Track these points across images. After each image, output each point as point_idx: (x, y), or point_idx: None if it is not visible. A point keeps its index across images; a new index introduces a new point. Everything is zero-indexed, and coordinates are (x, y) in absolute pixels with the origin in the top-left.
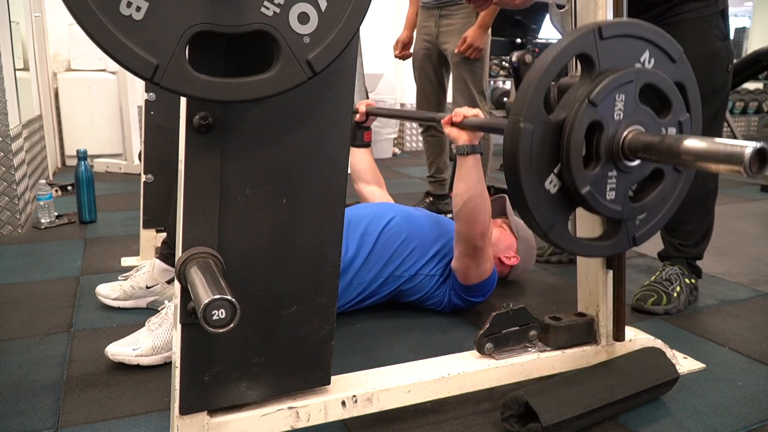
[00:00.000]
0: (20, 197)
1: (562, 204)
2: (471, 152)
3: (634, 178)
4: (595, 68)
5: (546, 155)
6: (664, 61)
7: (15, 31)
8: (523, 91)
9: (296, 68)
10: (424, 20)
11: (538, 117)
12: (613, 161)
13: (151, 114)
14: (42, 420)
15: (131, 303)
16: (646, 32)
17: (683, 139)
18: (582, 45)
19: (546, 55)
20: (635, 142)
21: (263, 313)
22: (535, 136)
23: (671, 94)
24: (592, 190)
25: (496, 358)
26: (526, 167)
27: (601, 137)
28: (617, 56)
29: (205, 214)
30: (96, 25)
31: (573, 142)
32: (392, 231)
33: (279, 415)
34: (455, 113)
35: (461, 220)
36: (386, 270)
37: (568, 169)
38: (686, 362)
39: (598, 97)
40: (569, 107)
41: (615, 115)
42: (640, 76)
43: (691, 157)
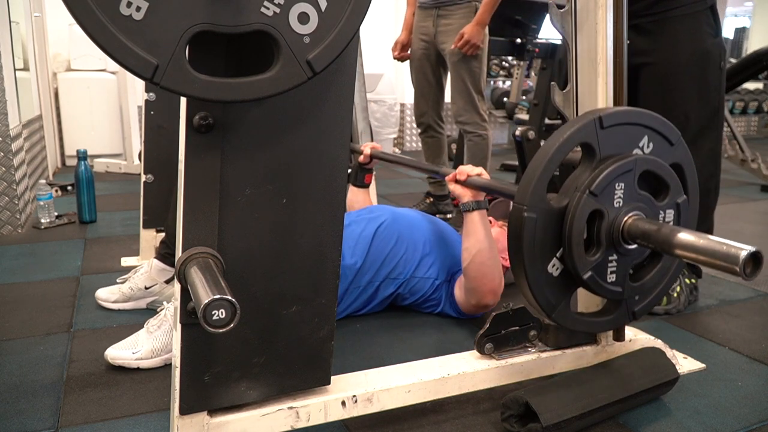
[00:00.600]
0: (20, 197)
1: (564, 285)
2: (476, 208)
3: (633, 259)
4: (596, 156)
5: (549, 241)
6: (663, 144)
7: (15, 31)
8: (526, 180)
9: (296, 68)
10: (422, 20)
11: (541, 206)
12: (614, 246)
13: (151, 114)
14: (42, 420)
15: (131, 304)
16: (645, 119)
17: (677, 232)
18: (583, 135)
19: (548, 146)
20: (634, 229)
21: (263, 313)
22: (539, 223)
23: (669, 178)
24: (593, 274)
25: (496, 358)
26: (530, 253)
27: (601, 224)
28: (617, 143)
29: (205, 214)
30: (96, 25)
31: (575, 231)
32: (384, 234)
33: (279, 415)
34: (459, 171)
35: (470, 276)
36: (381, 273)
37: (569, 256)
38: (686, 362)
39: (598, 188)
40: (571, 196)
41: (615, 203)
42: (638, 164)
43: (685, 251)
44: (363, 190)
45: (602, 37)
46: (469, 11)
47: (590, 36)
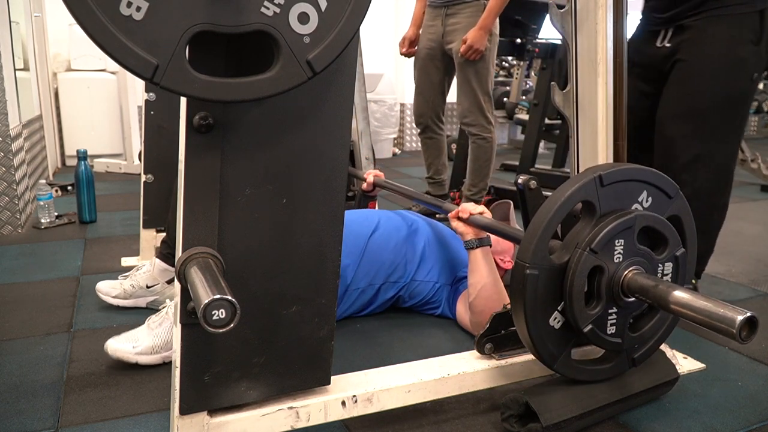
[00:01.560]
0: (20, 197)
1: (565, 337)
2: (479, 246)
3: (632, 311)
4: (596, 212)
5: (550, 295)
6: (661, 197)
7: (15, 31)
8: (528, 238)
9: (296, 68)
10: (431, 20)
11: (543, 263)
12: (614, 299)
13: (151, 114)
14: (42, 420)
15: (131, 302)
16: (644, 175)
17: (673, 290)
18: (584, 193)
19: (550, 204)
20: (633, 283)
21: (263, 313)
22: (540, 279)
23: (667, 232)
24: (593, 327)
25: (496, 358)
26: (532, 308)
27: (601, 279)
28: (617, 199)
29: (205, 214)
30: (96, 25)
31: (575, 287)
32: (380, 237)
33: (279, 415)
34: (462, 209)
35: (476, 311)
36: (380, 275)
37: (570, 310)
38: (686, 362)
39: (599, 245)
40: (572, 252)
41: (615, 258)
42: (638, 221)
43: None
44: None
45: (602, 37)
46: (477, 10)
47: (590, 36)
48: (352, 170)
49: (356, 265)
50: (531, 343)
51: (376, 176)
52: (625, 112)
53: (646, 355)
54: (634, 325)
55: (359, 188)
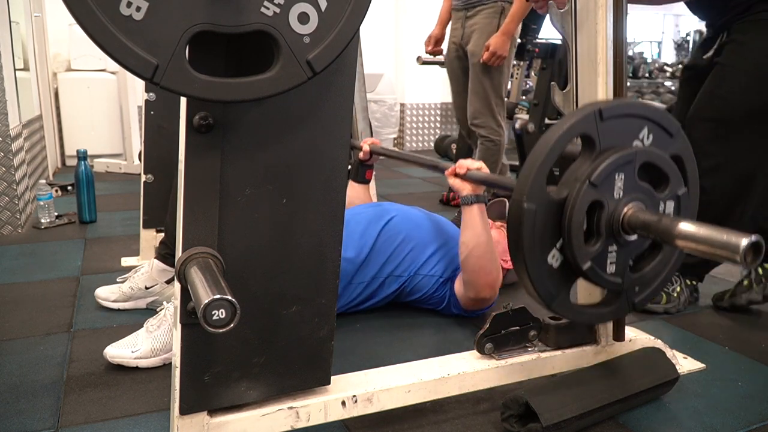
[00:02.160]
0: (20, 197)
1: (563, 276)
2: (475, 202)
3: (633, 250)
4: (596, 147)
5: (548, 232)
6: (663, 136)
7: (15, 31)
8: (526, 172)
9: (296, 68)
10: (454, 23)
11: (541, 197)
12: (614, 236)
13: (151, 114)
14: (42, 420)
15: (131, 304)
16: (645, 110)
17: (678, 222)
18: (583, 127)
19: (548, 138)
20: (634, 219)
21: (263, 313)
22: (538, 215)
23: (669, 170)
24: (593, 265)
25: (496, 358)
26: (529, 244)
27: (601, 215)
28: (617, 135)
29: (205, 214)
30: (96, 25)
31: (574, 222)
32: (391, 231)
33: (279, 415)
34: (459, 165)
35: (468, 270)
36: (385, 269)
37: (569, 246)
38: (686, 362)
39: (598, 179)
40: (570, 186)
41: (615, 194)
42: (638, 155)
43: (686, 241)
44: (363, 186)
45: (602, 37)
46: (495, 12)
47: (590, 36)
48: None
49: (363, 259)
50: (529, 281)
51: (372, 144)
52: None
53: (647, 299)
54: (635, 266)
55: (356, 158)
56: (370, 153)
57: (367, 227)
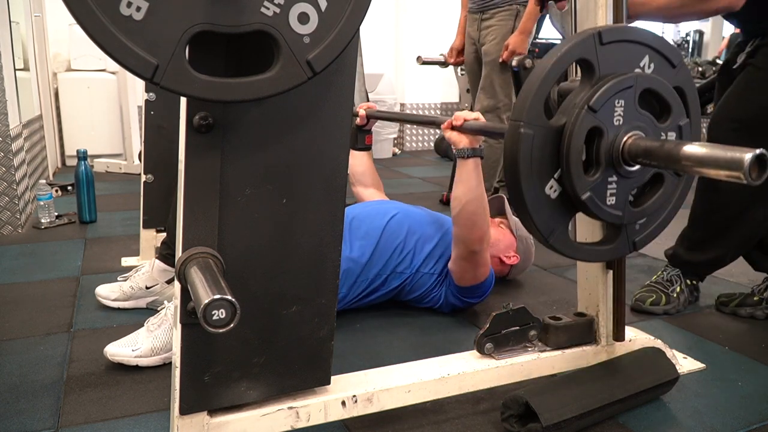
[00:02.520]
0: (20, 197)
1: (562, 209)
2: (471, 155)
3: (634, 182)
4: (595, 73)
5: (546, 160)
6: (664, 66)
7: (15, 31)
8: (523, 96)
9: (296, 68)
10: (470, 25)
11: (539, 122)
12: (613, 166)
13: (151, 114)
14: (42, 420)
15: (131, 303)
16: (646, 38)
17: (682, 145)
18: (582, 50)
19: (546, 61)
20: (635, 147)
21: (263, 313)
22: (536, 141)
23: (671, 98)
24: (592, 195)
25: (496, 358)
26: (527, 172)
27: (600, 143)
28: (617, 61)
29: (205, 214)
30: (96, 25)
31: (573, 148)
32: (394, 228)
33: (279, 415)
34: (455, 117)
35: (459, 224)
36: (388, 266)
37: (568, 175)
38: (686, 362)
39: (597, 103)
40: (569, 113)
41: (615, 121)
42: (639, 81)
43: (691, 162)
44: (365, 153)
45: None
46: (510, 14)
47: None
48: None
49: (368, 258)
50: (526, 212)
51: (368, 108)
52: None
53: (648, 238)
54: (636, 201)
55: (354, 125)
56: (366, 117)
57: (371, 225)
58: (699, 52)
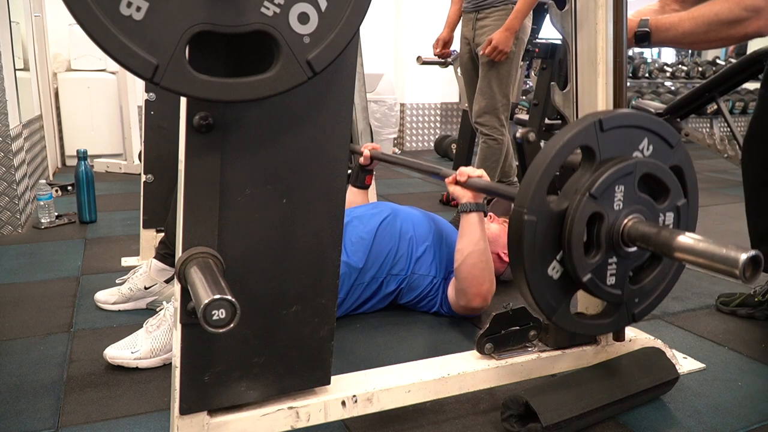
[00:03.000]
0: (20, 197)
1: (564, 287)
2: (475, 210)
3: (633, 261)
4: (596, 158)
5: (549, 244)
6: (662, 146)
7: (15, 31)
8: (526, 183)
9: (296, 68)
10: (465, 24)
11: (541, 209)
12: (614, 248)
13: (151, 114)
14: (42, 420)
15: (131, 305)
16: (645, 122)
17: (677, 235)
18: (583, 138)
19: (549, 149)
20: (634, 231)
21: (263, 313)
22: (539, 226)
23: (669, 181)
24: (593, 277)
25: (496, 358)
26: (530, 256)
27: (601, 227)
28: (617, 145)
29: (205, 214)
30: (96, 25)
31: (574, 234)
32: (387, 229)
33: (279, 415)
34: (460, 173)
35: (460, 277)
36: (384, 269)
37: (569, 259)
38: (686, 362)
39: (598, 190)
40: (571, 198)
41: (615, 205)
42: (638, 167)
43: (684, 254)
44: (363, 191)
45: (602, 37)
46: (505, 14)
47: (590, 36)
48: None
49: (362, 263)
50: (529, 293)
51: (372, 149)
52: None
53: (647, 310)
54: (635, 278)
55: (356, 162)
56: (370, 158)
57: (363, 229)
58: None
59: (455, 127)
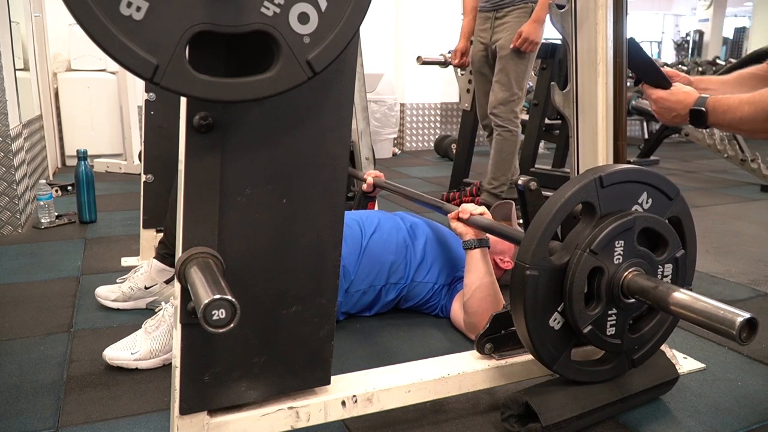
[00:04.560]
0: (20, 197)
1: (565, 337)
2: (478, 246)
3: (632, 312)
4: (596, 213)
5: (550, 296)
6: (661, 199)
7: (15, 31)
8: (528, 239)
9: (296, 68)
10: (481, 24)
11: (543, 264)
12: (613, 301)
13: (151, 114)
14: (42, 420)
15: (130, 304)
16: (644, 176)
17: (672, 292)
18: (584, 194)
19: (551, 206)
20: (633, 285)
21: (263, 313)
22: (540, 280)
23: (667, 234)
24: (593, 328)
25: (496, 358)
26: (532, 309)
27: (601, 280)
28: (617, 200)
29: (205, 214)
30: (96, 25)
31: (575, 288)
32: (380, 238)
33: (279, 415)
34: (462, 210)
35: (470, 311)
36: (380, 278)
37: (570, 311)
38: (686, 362)
39: (598, 246)
40: (572, 253)
41: (615, 259)
42: (638, 222)
43: (682, 311)
44: None
45: (602, 37)
46: (526, 12)
47: (590, 36)
48: (352, 171)
49: (356, 266)
50: (531, 343)
51: (375, 177)
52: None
53: (646, 356)
54: (634, 326)
55: (359, 189)
56: (373, 186)
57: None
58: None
59: (455, 127)
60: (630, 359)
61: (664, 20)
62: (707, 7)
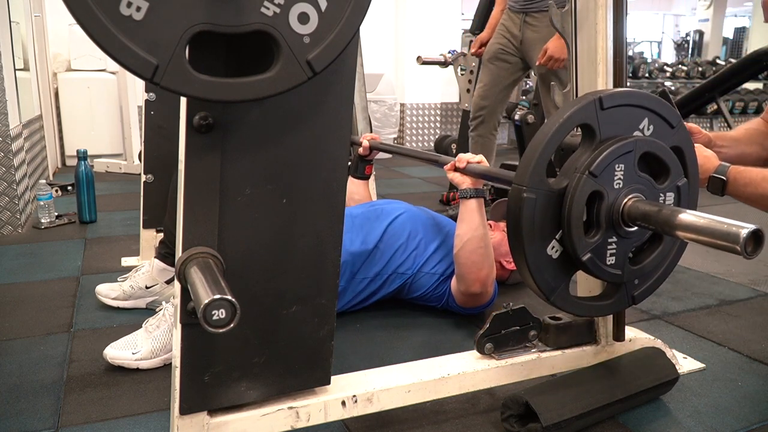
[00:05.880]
0: (20, 197)
1: (563, 268)
2: (474, 196)
3: (633, 242)
4: (596, 137)
5: (548, 222)
6: (663, 127)
7: (15, 31)
8: (525, 161)
9: (296, 68)
10: (507, 20)
11: (541, 186)
12: (613, 228)
13: (151, 114)
14: (42, 420)
15: (131, 303)
16: (645, 101)
17: (678, 213)
18: (583, 116)
19: (548, 127)
20: (634, 210)
21: (263, 313)
22: (538, 204)
23: (669, 160)
24: (592, 256)
25: (496, 358)
26: (529, 234)
27: (601, 205)
28: (617, 124)
29: (205, 214)
30: (96, 25)
31: (574, 212)
32: (397, 228)
33: (279, 415)
34: (459, 159)
35: (459, 263)
36: (390, 266)
37: (569, 238)
38: (686, 362)
39: (598, 168)
40: (570, 176)
41: (614, 184)
42: (638, 145)
43: (686, 231)
44: (363, 181)
45: (602, 37)
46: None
47: (590, 36)
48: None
49: (368, 255)
50: (528, 272)
51: (372, 139)
52: None
53: (647, 292)
54: (635, 259)
55: (355, 153)
56: (369, 148)
57: (374, 224)
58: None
59: (455, 127)
60: (630, 294)
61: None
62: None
